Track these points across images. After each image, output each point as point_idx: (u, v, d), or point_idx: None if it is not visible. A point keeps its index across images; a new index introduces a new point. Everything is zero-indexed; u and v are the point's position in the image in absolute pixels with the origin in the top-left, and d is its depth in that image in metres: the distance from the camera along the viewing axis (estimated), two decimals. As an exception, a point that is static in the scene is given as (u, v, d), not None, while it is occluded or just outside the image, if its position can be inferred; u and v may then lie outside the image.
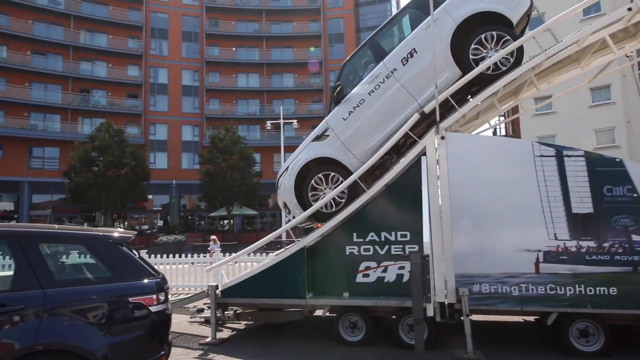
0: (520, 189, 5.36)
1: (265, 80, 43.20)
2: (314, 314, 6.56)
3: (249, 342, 6.09)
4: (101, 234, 3.82)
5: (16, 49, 35.46)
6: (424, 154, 5.75)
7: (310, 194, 6.53)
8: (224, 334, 6.38)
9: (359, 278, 5.86)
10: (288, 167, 6.80)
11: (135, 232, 4.49)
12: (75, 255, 5.87)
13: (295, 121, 28.15)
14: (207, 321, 7.13)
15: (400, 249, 5.78)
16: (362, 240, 5.93)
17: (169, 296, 4.10)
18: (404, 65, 6.33)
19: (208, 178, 32.21)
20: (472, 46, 6.08)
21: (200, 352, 5.66)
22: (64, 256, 4.62)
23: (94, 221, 32.63)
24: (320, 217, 6.51)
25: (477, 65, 5.99)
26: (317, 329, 6.70)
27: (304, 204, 6.53)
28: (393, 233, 5.82)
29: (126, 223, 36.91)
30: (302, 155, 6.69)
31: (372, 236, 5.90)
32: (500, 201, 5.41)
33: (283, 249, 6.54)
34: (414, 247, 5.68)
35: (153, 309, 3.67)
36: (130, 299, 3.57)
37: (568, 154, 5.30)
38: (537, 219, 5.24)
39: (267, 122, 28.61)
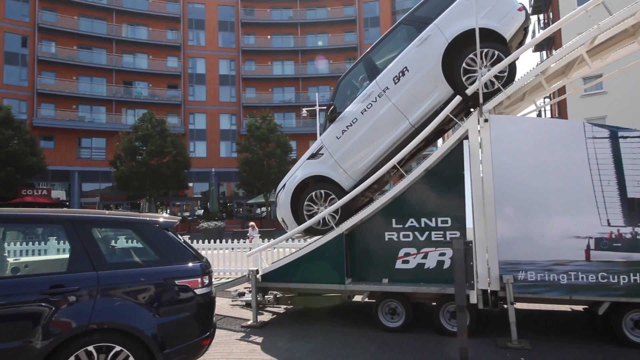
0: (570, 173, 5.10)
1: (300, 67, 43.17)
2: (353, 300, 6.59)
3: (289, 325, 6.20)
4: (148, 219, 3.96)
5: (64, 44, 37.12)
6: (466, 137, 5.57)
7: (305, 211, 6.64)
8: (265, 317, 6.52)
9: (399, 264, 5.81)
10: (285, 184, 6.93)
11: (180, 218, 4.62)
12: (122, 240, 6.14)
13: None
14: (248, 305, 7.31)
15: (441, 235, 5.67)
16: (401, 226, 5.85)
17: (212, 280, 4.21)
18: (395, 83, 6.28)
19: (246, 166, 32.78)
20: (463, 65, 5.97)
21: (243, 334, 5.82)
22: (113, 241, 4.85)
23: (139, 208, 34.02)
24: (316, 233, 6.67)
25: (468, 83, 5.93)
26: (356, 314, 6.73)
27: (299, 220, 6.65)
28: (433, 219, 5.71)
29: (168, 210, 38.26)
30: (298, 173, 6.81)
31: (411, 222, 5.81)
32: (548, 186, 5.18)
33: (321, 235, 6.56)
34: (455, 234, 5.56)
35: (198, 291, 3.79)
36: (176, 282, 3.69)
37: (624, 135, 4.98)
38: (589, 205, 4.98)
39: (303, 109, 28.67)
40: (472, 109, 6.24)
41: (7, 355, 3.03)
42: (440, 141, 7.69)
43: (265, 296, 6.79)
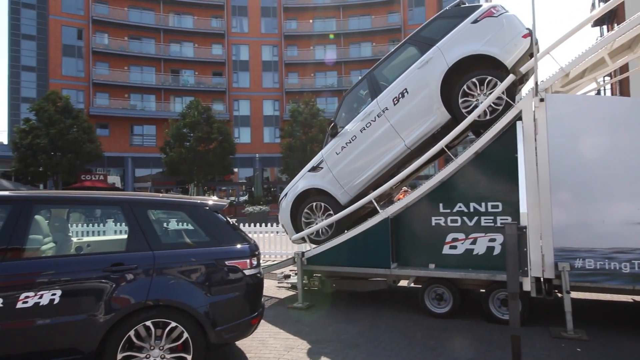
0: (636, 155, 4.75)
1: (343, 51, 42.73)
2: (398, 284, 6.55)
3: (334, 308, 6.26)
4: (199, 201, 4.09)
5: (116, 35, 38.72)
6: (519, 118, 5.30)
7: (303, 218, 6.91)
8: (311, 299, 6.61)
9: (446, 250, 5.69)
10: (287, 193, 7.18)
11: (229, 201, 4.74)
12: (174, 222, 6.39)
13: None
14: (293, 287, 7.45)
15: (491, 221, 5.47)
16: (449, 211, 5.71)
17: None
18: (395, 104, 6.28)
19: (289, 151, 33.12)
20: (462, 91, 5.89)
21: (289, 315, 5.93)
22: (166, 223, 5.05)
23: (188, 193, 35.35)
24: (313, 242, 6.89)
25: (466, 109, 5.86)
26: (401, 299, 6.69)
27: (298, 228, 6.92)
28: (483, 204, 5.52)
29: (215, 195, 39.49)
30: (300, 184, 7.02)
31: (459, 207, 5.65)
32: (610, 169, 4.85)
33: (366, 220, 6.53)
34: (506, 219, 5.35)
35: (247, 272, 3.89)
36: (226, 263, 3.81)
37: (699, 113, 4.55)
38: (656, 189, 4.62)
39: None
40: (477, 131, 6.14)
41: (75, 327, 3.26)
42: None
43: (311, 279, 6.88)
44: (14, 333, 3.14)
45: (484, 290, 5.51)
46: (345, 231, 6.48)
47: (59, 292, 3.25)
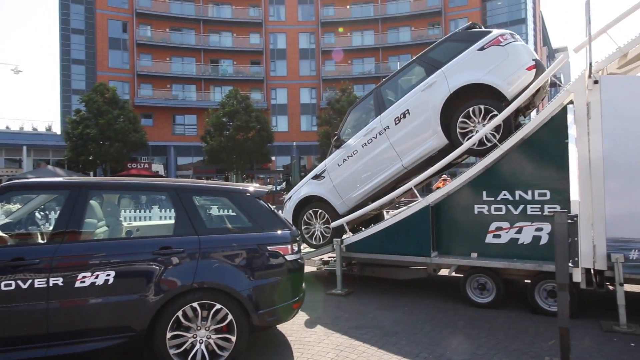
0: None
1: (381, 36, 42.00)
2: (438, 273, 6.46)
3: (373, 295, 6.26)
4: (242, 187, 4.18)
5: (158, 27, 39.83)
6: (571, 102, 5.04)
7: (303, 224, 7.28)
8: (349, 286, 6.64)
9: (489, 238, 5.54)
10: (291, 196, 7.57)
11: (269, 188, 4.81)
12: (216, 208, 6.56)
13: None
14: (332, 273, 7.49)
15: (538, 209, 5.27)
16: (492, 199, 5.54)
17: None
18: (396, 124, 6.39)
19: (326, 139, 33.11)
20: (460, 118, 5.94)
21: (328, 301, 5.99)
22: (210, 208, 5.20)
23: (227, 181, 36.20)
24: (311, 246, 7.29)
25: (463, 136, 5.94)
26: (440, 288, 6.60)
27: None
28: (530, 191, 5.31)
29: (253, 183, 40.20)
30: (303, 190, 7.37)
31: (504, 195, 5.47)
32: (671, 155, 4.53)
33: (405, 207, 6.46)
34: (555, 207, 5.13)
35: (288, 257, 3.95)
36: (268, 248, 3.88)
37: None
38: None
39: (383, 80, 27.99)
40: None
41: (128, 306, 3.44)
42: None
43: (350, 265, 6.91)
44: (73, 310, 3.35)
45: (529, 281, 5.35)
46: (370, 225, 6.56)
47: (112, 273, 3.43)
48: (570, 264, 3.63)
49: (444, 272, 6.38)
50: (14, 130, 40.57)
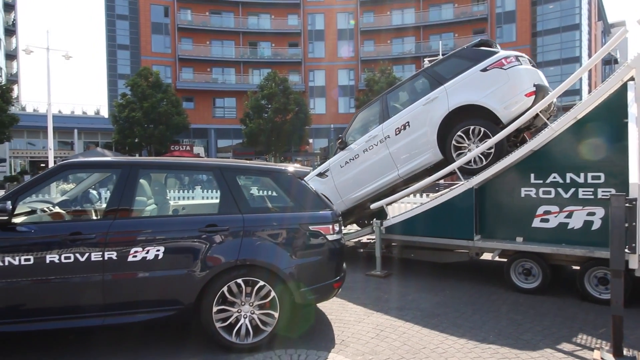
0: None
1: (422, 14, 40.71)
2: (481, 258, 6.32)
3: (413, 277, 6.23)
4: (284, 168, 4.21)
5: (198, 11, 40.39)
6: (631, 79, 4.70)
7: None
8: (388, 268, 6.63)
9: (536, 223, 5.33)
10: None
11: (310, 169, 4.83)
12: (259, 188, 6.68)
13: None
14: (371, 255, 7.49)
15: (591, 193, 5.00)
16: (541, 181, 5.31)
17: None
18: (396, 135, 6.59)
19: (364, 121, 32.77)
20: (455, 136, 6.09)
21: (368, 282, 6.02)
22: (253, 188, 5.30)
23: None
24: None
25: (456, 154, 6.09)
26: (482, 272, 6.47)
27: None
28: (582, 174, 5.05)
29: (294, 164, 40.53)
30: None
31: (554, 177, 5.23)
32: None
33: (448, 190, 6.32)
34: (609, 191, 4.85)
35: (330, 237, 3.97)
36: (310, 227, 3.91)
37: None
38: None
39: (424, 59, 27.21)
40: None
41: (176, 280, 3.58)
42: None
43: (389, 247, 6.88)
44: (127, 283, 3.53)
45: (578, 267, 5.13)
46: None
47: (162, 249, 3.57)
48: (626, 250, 3.44)
49: (486, 256, 6.24)
50: (66, 114, 42.74)
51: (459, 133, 6.07)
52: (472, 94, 5.93)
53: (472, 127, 5.97)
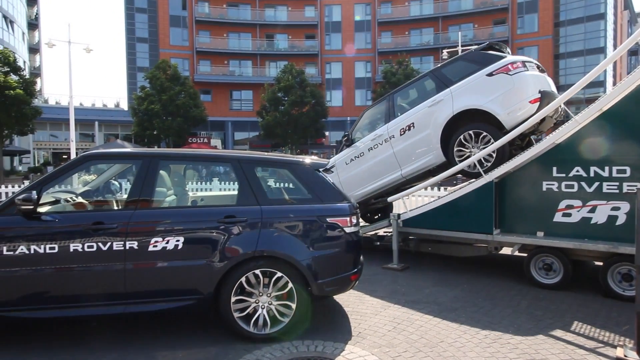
0: None
1: (441, 5, 40.05)
2: (500, 252, 6.23)
3: (430, 271, 6.18)
4: (301, 160, 4.21)
5: (215, 3, 40.49)
6: (661, 69, 4.55)
7: None
8: (405, 261, 6.59)
9: (558, 217, 5.23)
10: None
11: (328, 161, 4.82)
12: (276, 179, 6.73)
13: (474, 47, 25.64)
14: (387, 248, 7.46)
15: (616, 187, 4.87)
16: (564, 175, 5.19)
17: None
18: (401, 135, 6.68)
19: (381, 114, 32.55)
20: (458, 139, 6.15)
21: (384, 275, 6.00)
22: (270, 180, 5.32)
23: (282, 155, 36.77)
24: None
25: (459, 157, 6.17)
26: (501, 267, 6.38)
27: None
28: (606, 168, 4.92)
29: (312, 156, 40.54)
30: None
31: (577, 171, 5.10)
32: None
33: (467, 182, 6.24)
34: (635, 185, 4.72)
35: (347, 230, 3.97)
36: (328, 219, 3.91)
37: None
38: None
39: (443, 50, 26.81)
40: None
41: (196, 270, 3.63)
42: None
43: (406, 241, 6.84)
44: (148, 272, 3.60)
45: (601, 263, 5.02)
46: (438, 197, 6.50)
47: (182, 239, 3.62)
48: (653, 246, 3.35)
49: (505, 250, 6.15)
50: (87, 107, 43.56)
51: (462, 136, 6.12)
52: (477, 98, 5.96)
53: (475, 131, 6.03)
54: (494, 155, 5.83)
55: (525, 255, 5.52)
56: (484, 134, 5.96)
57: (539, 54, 38.35)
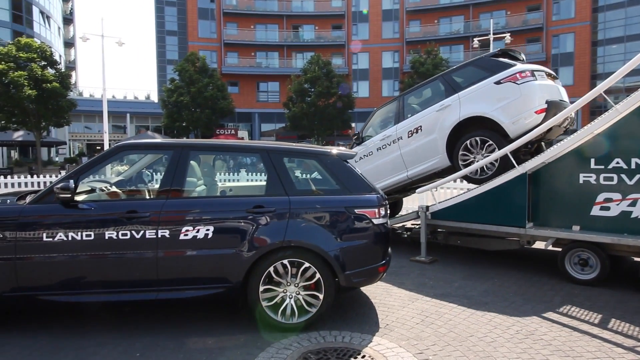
0: None
1: (472, -9, 38.86)
2: (532, 246, 6.06)
3: (459, 264, 6.08)
4: (329, 150, 4.19)
5: (242, -5, 40.60)
6: None
7: None
8: (433, 254, 6.50)
9: (595, 211, 5.03)
10: None
11: (355, 152, 4.77)
12: (304, 170, 6.73)
13: (507, 35, 24.86)
14: (414, 240, 7.38)
15: (659, 180, 4.64)
16: (602, 167, 4.98)
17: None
18: (408, 137, 6.82)
19: (408, 105, 32.06)
20: (463, 145, 6.25)
21: (412, 268, 5.94)
22: (299, 170, 5.32)
23: (308, 146, 36.78)
24: None
25: (463, 163, 6.30)
26: (533, 261, 6.21)
27: None
28: (649, 160, 4.68)
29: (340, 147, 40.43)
30: None
31: (617, 163, 4.88)
32: None
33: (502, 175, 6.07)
34: (681, 178, 4.49)
35: (375, 221, 3.93)
36: (356, 211, 3.88)
37: None
38: None
39: (474, 39, 26.09)
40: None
41: (225, 259, 3.68)
42: None
43: (434, 233, 6.74)
44: (179, 260, 3.67)
45: (641, 259, 4.81)
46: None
47: (211, 228, 3.67)
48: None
49: (537, 245, 5.98)
50: (119, 99, 44.77)
51: (466, 142, 6.22)
52: (484, 106, 6.04)
53: (480, 138, 6.13)
54: (497, 164, 5.95)
55: (559, 249, 5.35)
56: (489, 142, 6.06)
57: (575, 41, 36.83)
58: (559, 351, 3.40)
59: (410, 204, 9.92)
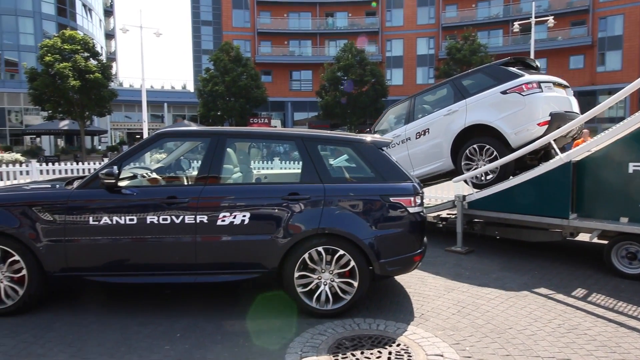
0: None
1: (512, -27, 37.21)
2: (575, 238, 5.83)
3: (496, 256, 5.93)
4: (364, 137, 4.14)
5: (276, -17, 40.51)
6: None
7: None
8: (469, 244, 6.36)
9: (646, 202, 4.76)
10: None
11: (391, 140, 4.70)
12: (338, 158, 6.72)
13: (550, 18, 23.70)
14: (449, 230, 7.24)
15: None
16: (655, 156, 4.70)
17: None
18: (416, 139, 7.00)
19: (444, 92, 31.28)
20: (467, 150, 6.43)
21: (448, 258, 5.84)
22: (333, 158, 5.31)
23: (341, 135, 36.61)
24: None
25: (465, 167, 6.46)
26: (575, 254, 5.97)
27: None
28: None
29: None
30: None
31: (671, 151, 4.60)
32: None
33: (541, 164, 5.84)
34: None
35: (410, 210, 3.87)
36: (391, 199, 3.84)
37: None
38: None
39: (514, 23, 25.05)
40: None
41: (261, 245, 3.74)
42: None
43: (471, 223, 6.58)
44: (217, 245, 3.75)
45: (696, 254, 4.53)
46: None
47: (248, 215, 3.73)
48: None
49: (582, 237, 5.74)
50: (157, 89, 45.95)
51: (470, 148, 6.39)
52: (489, 114, 6.17)
53: (482, 145, 6.29)
54: (497, 171, 6.16)
55: (605, 242, 5.11)
56: (492, 149, 6.20)
57: (624, 23, 34.67)
58: (604, 347, 3.26)
59: (446, 193, 9.73)
